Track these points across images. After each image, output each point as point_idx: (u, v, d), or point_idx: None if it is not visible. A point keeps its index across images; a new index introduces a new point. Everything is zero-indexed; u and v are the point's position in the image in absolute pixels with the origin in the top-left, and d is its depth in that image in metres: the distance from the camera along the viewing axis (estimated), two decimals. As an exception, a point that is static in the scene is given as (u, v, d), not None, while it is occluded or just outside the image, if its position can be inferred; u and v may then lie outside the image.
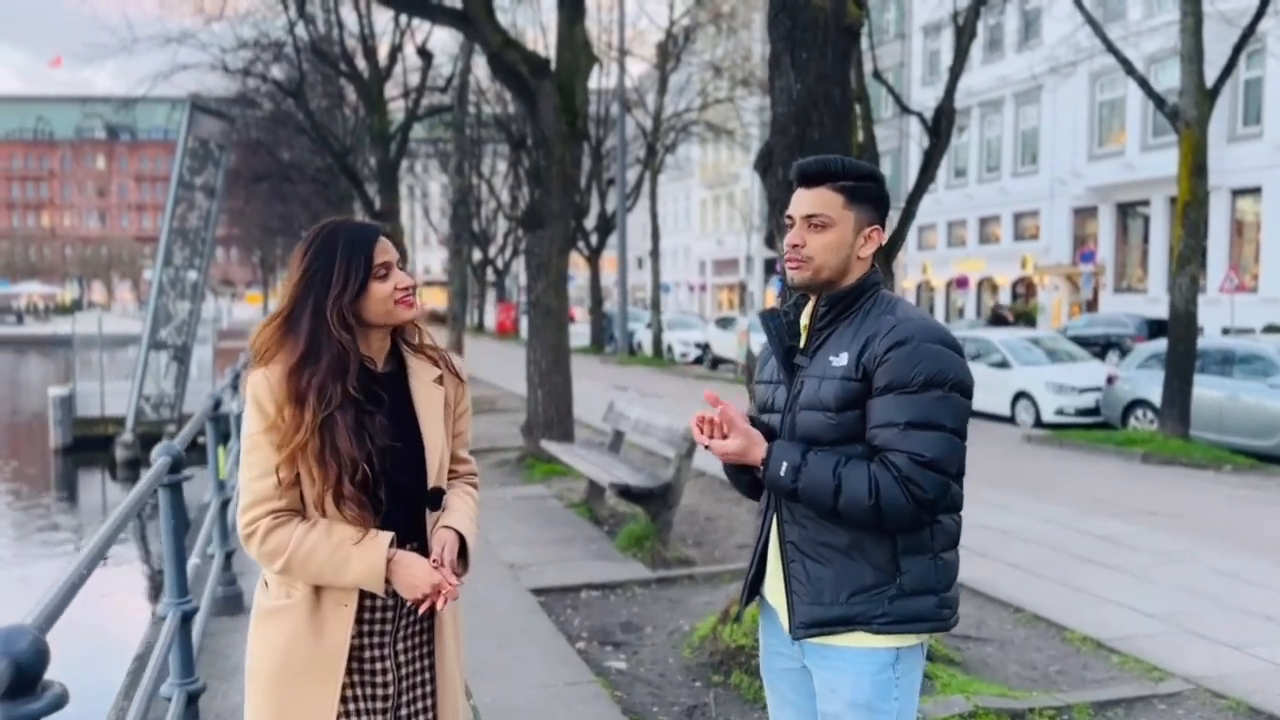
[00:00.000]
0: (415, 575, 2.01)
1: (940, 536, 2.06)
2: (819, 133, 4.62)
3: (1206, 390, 11.80)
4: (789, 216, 2.11)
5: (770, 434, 2.14)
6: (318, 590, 2.05)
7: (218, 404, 5.20)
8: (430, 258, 69.82)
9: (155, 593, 9.75)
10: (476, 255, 43.12)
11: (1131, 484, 9.65)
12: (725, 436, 2.06)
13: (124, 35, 20.76)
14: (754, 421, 2.19)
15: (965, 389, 2.00)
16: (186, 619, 3.45)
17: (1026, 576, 6.15)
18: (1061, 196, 30.58)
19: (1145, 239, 28.02)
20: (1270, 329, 20.46)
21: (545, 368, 9.66)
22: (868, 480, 1.94)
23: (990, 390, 15.61)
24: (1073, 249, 30.31)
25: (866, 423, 2.01)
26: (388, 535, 2.03)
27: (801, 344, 2.15)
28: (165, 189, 22.91)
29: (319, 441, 1.99)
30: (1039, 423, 14.56)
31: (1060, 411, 14.45)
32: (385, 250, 2.09)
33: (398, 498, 2.08)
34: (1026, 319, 30.68)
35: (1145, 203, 27.68)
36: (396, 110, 22.91)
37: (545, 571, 6.11)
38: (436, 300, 55.08)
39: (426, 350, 2.22)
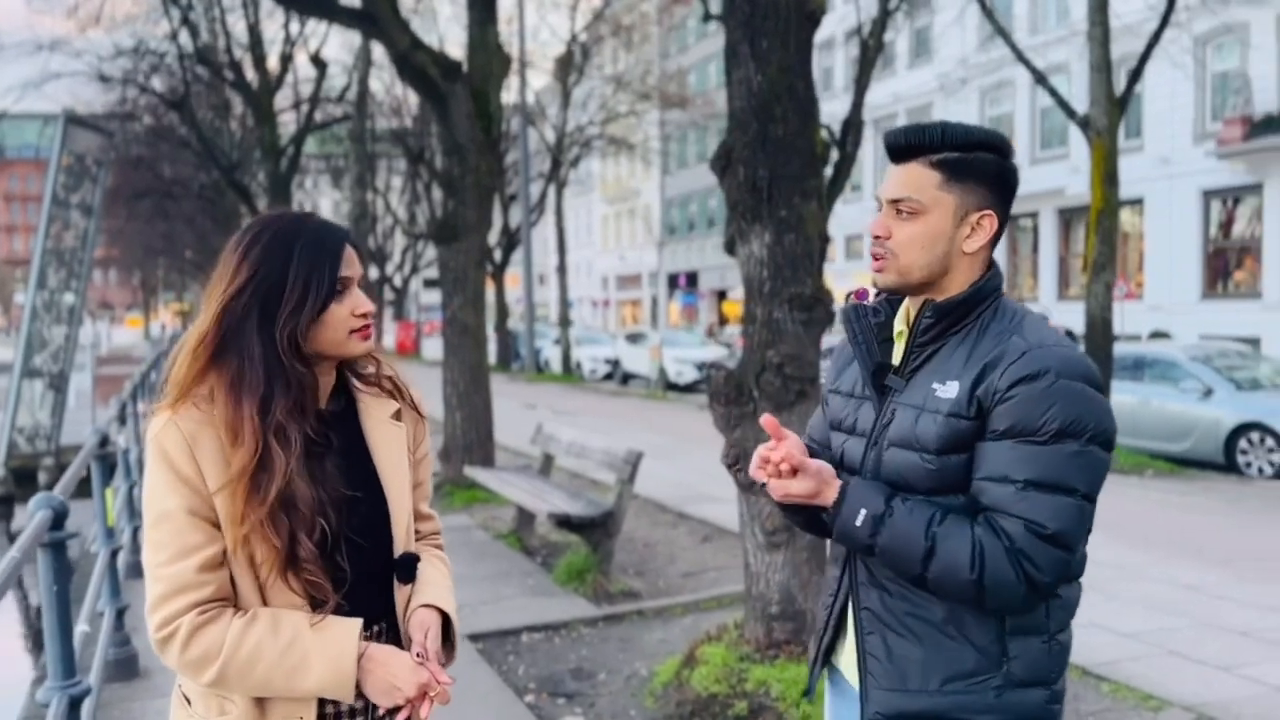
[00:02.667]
0: (395, 674, 1.52)
1: (1057, 614, 1.65)
2: (783, 129, 4.26)
3: (1119, 396, 11.92)
4: (876, 198, 1.70)
5: (835, 465, 1.72)
6: (261, 704, 1.54)
7: (104, 440, 4.54)
8: (323, 277, 67.63)
9: (36, 650, 8.81)
10: (374, 273, 41.91)
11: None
12: (792, 474, 1.62)
13: (-13, 42, 19.33)
14: (813, 454, 1.76)
15: (1107, 442, 1.57)
16: (75, 704, 2.86)
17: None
18: (956, 209, 31.24)
19: (1035, 249, 28.79)
20: (1156, 335, 21.21)
21: (464, 388, 9.10)
22: (971, 547, 1.53)
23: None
24: (968, 260, 30.96)
25: (973, 470, 1.59)
26: (355, 622, 1.53)
27: (895, 357, 1.73)
28: (38, 209, 21.46)
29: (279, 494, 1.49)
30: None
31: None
32: (351, 262, 1.60)
33: (359, 567, 1.58)
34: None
35: (1034, 214, 28.45)
36: (289, 123, 21.96)
37: (480, 614, 5.57)
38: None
39: (381, 381, 1.73)
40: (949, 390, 1.60)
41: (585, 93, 28.62)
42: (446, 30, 71.33)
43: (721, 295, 41.50)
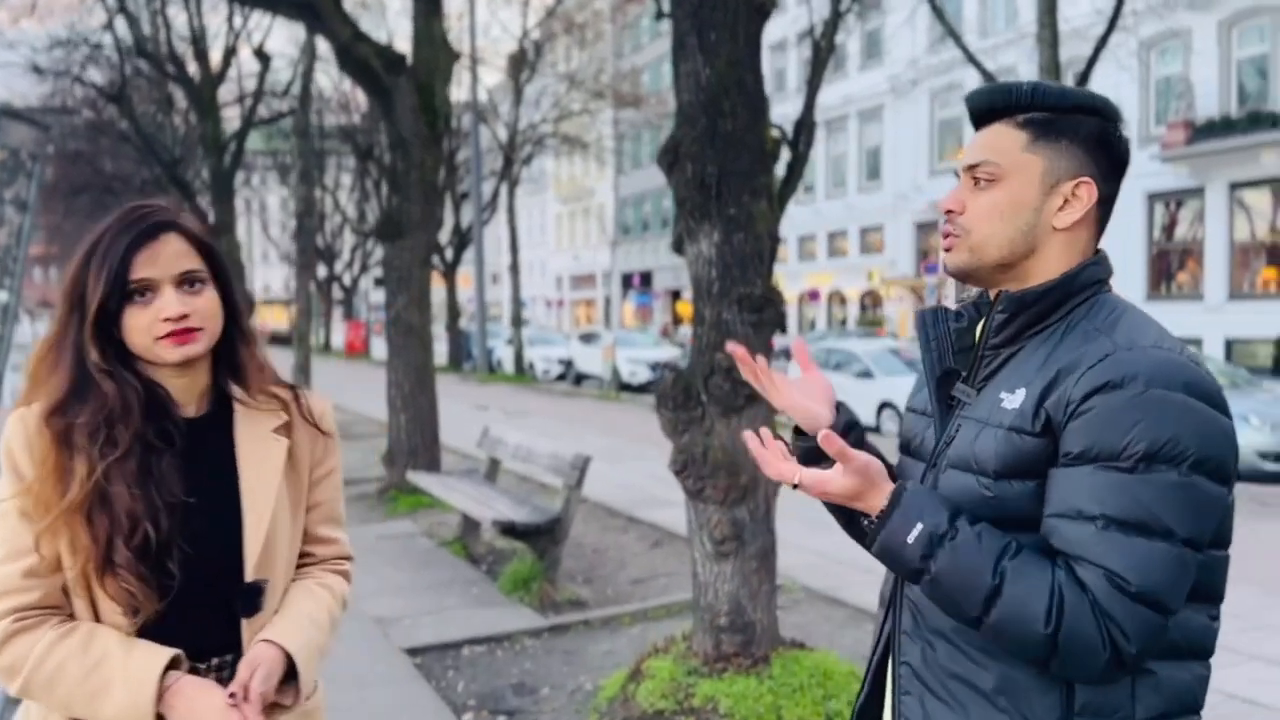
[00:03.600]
0: (198, 713, 1.39)
1: (1147, 698, 1.27)
2: (732, 124, 4.13)
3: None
4: (955, 173, 1.43)
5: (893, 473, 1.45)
6: None
7: None
8: (271, 275, 66.68)
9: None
10: (322, 272, 41.25)
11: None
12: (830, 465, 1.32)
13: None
14: (866, 447, 1.46)
15: (1219, 471, 1.22)
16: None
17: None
18: (904, 211, 31.49)
19: (983, 251, 29.07)
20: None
21: (409, 390, 8.87)
22: (1050, 595, 1.20)
23: (855, 400, 15.67)
24: (916, 261, 31.22)
25: (1045, 504, 1.27)
26: (166, 653, 1.40)
27: (969, 367, 1.43)
28: (-32, 203, 20.74)
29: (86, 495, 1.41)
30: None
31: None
32: (152, 262, 1.45)
33: (200, 587, 1.46)
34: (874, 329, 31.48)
35: (984, 216, 28.74)
36: (233, 118, 21.44)
37: (420, 626, 5.37)
38: (277, 319, 52.58)
39: (270, 391, 1.60)
40: (1015, 399, 1.29)
41: (538, 90, 28.37)
42: (396, 25, 70.49)
43: (676, 295, 41.46)
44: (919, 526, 1.25)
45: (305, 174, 13.78)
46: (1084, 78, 11.35)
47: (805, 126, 16.73)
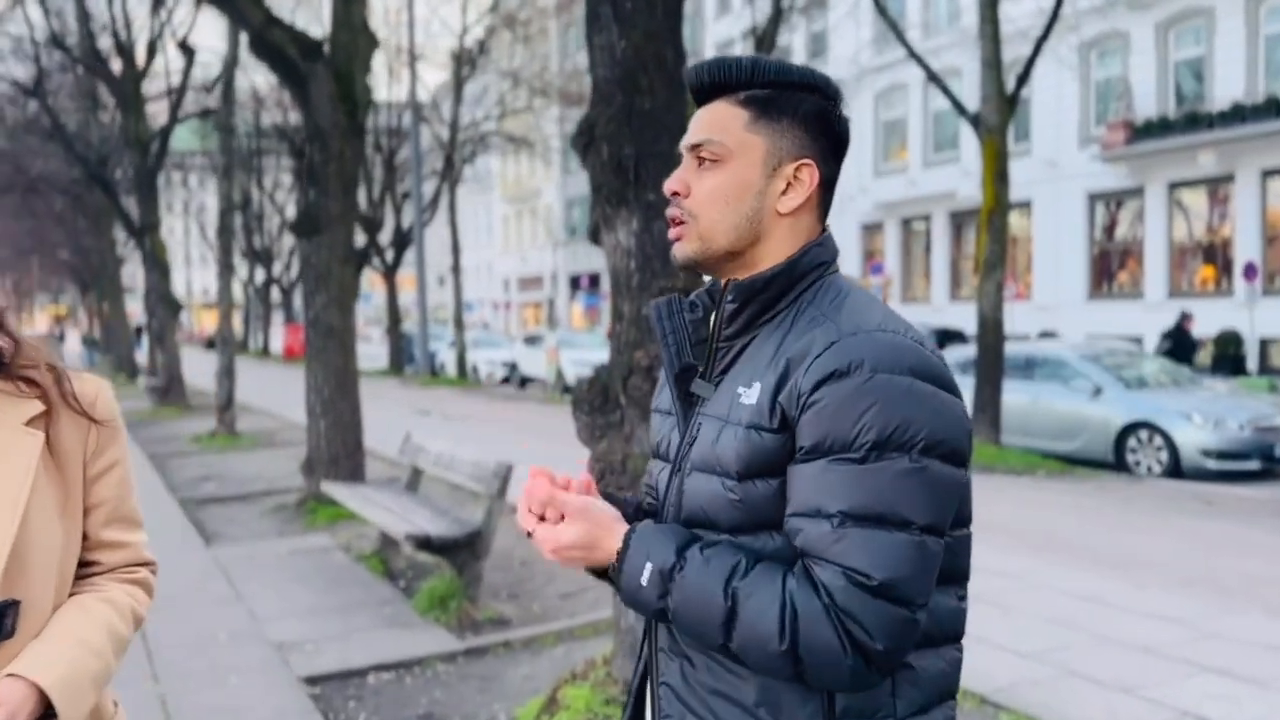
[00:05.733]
0: None
1: (908, 693, 1.23)
2: (650, 101, 3.79)
3: (1011, 395, 11.85)
4: (677, 153, 1.36)
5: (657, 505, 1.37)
6: None
7: None
8: (209, 278, 65.13)
9: None
10: (260, 275, 40.22)
11: (957, 496, 9.39)
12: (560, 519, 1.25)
13: None
14: (609, 497, 1.37)
15: (954, 454, 1.18)
16: None
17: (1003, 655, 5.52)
18: (850, 213, 31.48)
19: (927, 251, 29.16)
20: (1045, 334, 21.57)
21: (328, 395, 8.40)
22: (780, 608, 1.13)
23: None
24: (862, 262, 31.24)
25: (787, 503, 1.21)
26: None
27: (705, 360, 1.35)
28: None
29: None
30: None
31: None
32: None
33: None
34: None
35: (927, 217, 28.81)
36: (161, 113, 20.69)
37: (324, 651, 4.94)
38: (215, 323, 51.32)
39: (25, 376, 1.38)
40: (752, 394, 1.23)
41: (480, 88, 27.87)
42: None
43: (622, 297, 41.03)
44: (648, 566, 1.20)
45: (228, 170, 13.21)
46: (1024, 78, 11.18)
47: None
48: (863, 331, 1.19)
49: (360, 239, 29.44)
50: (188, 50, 16.62)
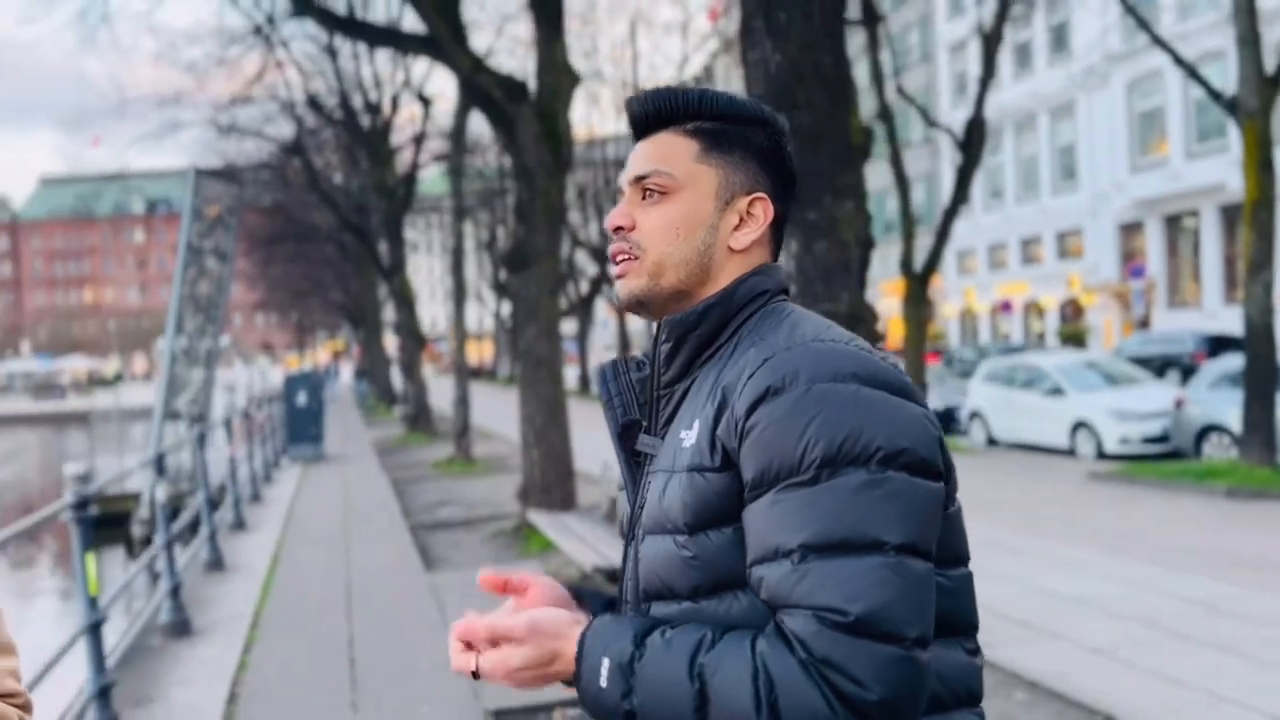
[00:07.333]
0: None
1: None
2: (809, 116, 3.58)
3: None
4: (618, 188, 1.26)
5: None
6: None
7: (83, 501, 4.18)
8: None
9: None
10: (506, 306, 42.45)
11: (1221, 527, 8.34)
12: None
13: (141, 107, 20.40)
14: (580, 596, 1.20)
15: (920, 462, 1.01)
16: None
17: (1113, 666, 4.92)
18: (1105, 213, 29.22)
19: (1196, 251, 26.55)
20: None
21: (540, 425, 8.61)
22: (751, 676, 0.96)
23: (1045, 420, 14.43)
24: (1120, 265, 28.88)
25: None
26: None
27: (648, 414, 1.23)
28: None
29: None
30: (1101, 454, 13.28)
31: (1124, 441, 13.17)
32: None
33: None
34: (1076, 341, 29.25)
35: (1194, 213, 26.26)
36: (408, 161, 22.33)
37: (514, 682, 4.99)
38: (474, 354, 54.68)
39: None
40: (691, 435, 1.09)
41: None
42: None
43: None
44: (606, 662, 1.03)
45: (459, 212, 13.97)
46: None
47: (976, 126, 15.73)
48: (797, 344, 1.05)
49: (593, 268, 30.41)
50: (425, 100, 17.79)
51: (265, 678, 5.27)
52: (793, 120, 3.62)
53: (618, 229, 1.18)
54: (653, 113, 1.20)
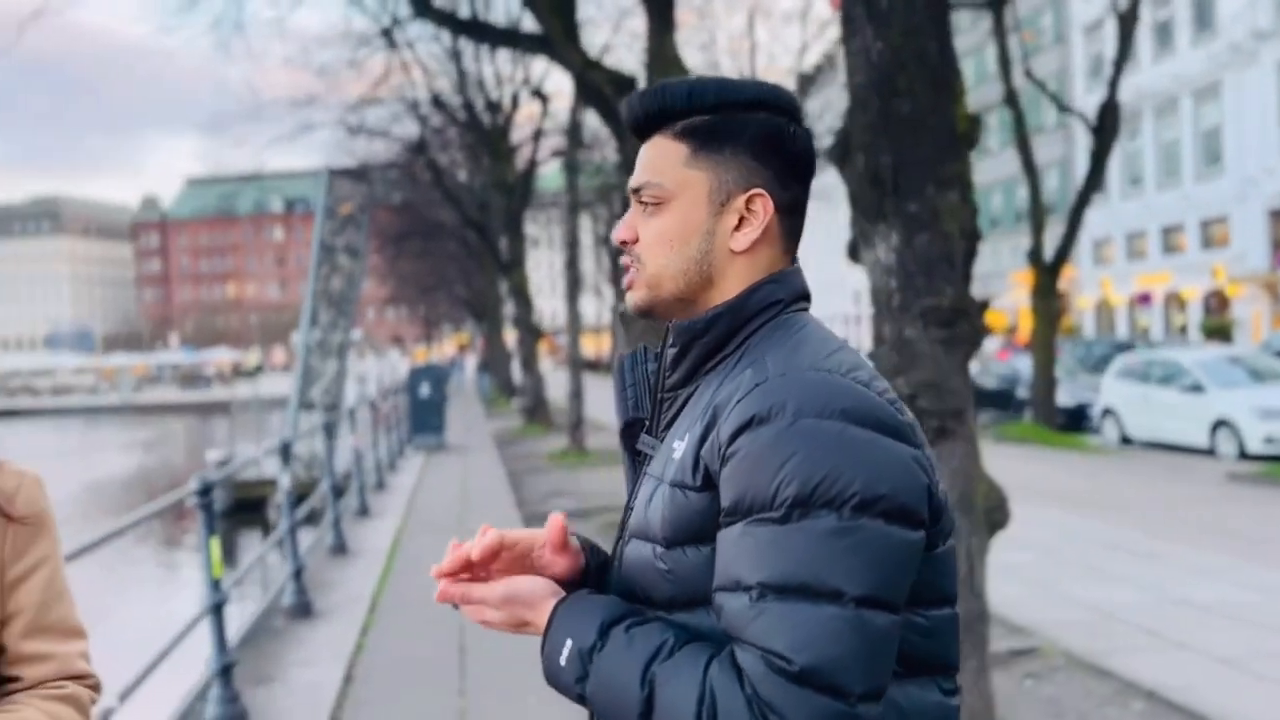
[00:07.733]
0: None
1: None
2: (910, 104, 3.47)
3: None
4: (625, 196, 1.31)
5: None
6: None
7: (206, 487, 4.40)
8: (585, 304, 70.46)
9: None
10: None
11: (1376, 534, 7.78)
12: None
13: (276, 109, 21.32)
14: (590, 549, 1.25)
15: (897, 509, 0.98)
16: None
17: (1245, 680, 4.65)
18: (1254, 198, 27.52)
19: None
20: None
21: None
22: (697, 699, 0.97)
23: (1183, 418, 13.73)
24: (1270, 255, 27.16)
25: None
26: None
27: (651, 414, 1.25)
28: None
29: None
30: (1243, 454, 12.56)
31: (1270, 440, 12.44)
32: None
33: None
34: (1221, 334, 27.68)
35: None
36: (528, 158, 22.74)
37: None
38: (590, 347, 55.28)
39: None
40: (680, 448, 1.09)
41: (821, 104, 27.69)
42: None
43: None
44: (568, 643, 1.06)
45: (572, 207, 14.15)
46: None
47: (1110, 109, 15.07)
48: (792, 371, 1.03)
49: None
50: (542, 98, 18.06)
51: (380, 660, 5.47)
52: (892, 108, 3.53)
53: (623, 242, 1.17)
54: (642, 115, 1.17)
